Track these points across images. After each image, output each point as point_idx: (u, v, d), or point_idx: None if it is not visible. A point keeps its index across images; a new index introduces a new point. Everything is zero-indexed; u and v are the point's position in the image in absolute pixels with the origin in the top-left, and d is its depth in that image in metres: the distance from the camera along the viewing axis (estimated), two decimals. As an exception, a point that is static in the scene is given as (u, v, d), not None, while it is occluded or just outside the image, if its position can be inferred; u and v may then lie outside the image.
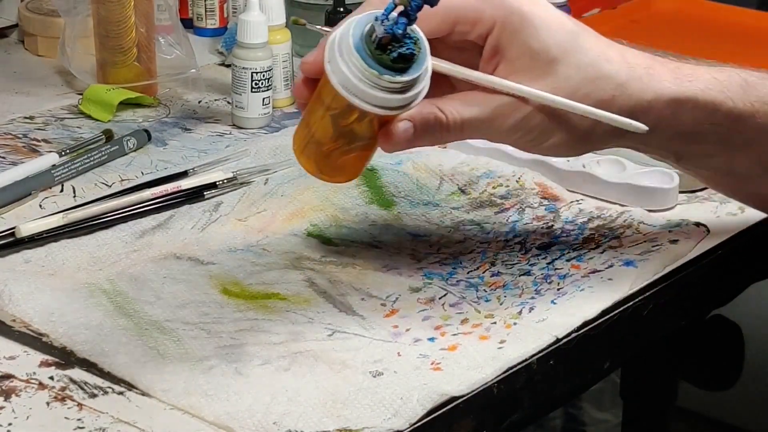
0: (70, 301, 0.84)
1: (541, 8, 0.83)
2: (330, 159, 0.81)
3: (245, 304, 0.84)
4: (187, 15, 1.38)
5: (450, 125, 0.81)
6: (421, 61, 0.76)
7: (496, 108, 0.81)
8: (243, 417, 0.72)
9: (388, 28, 0.75)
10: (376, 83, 0.76)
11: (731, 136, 0.86)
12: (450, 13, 0.82)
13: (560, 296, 0.86)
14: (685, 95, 0.84)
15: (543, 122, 0.82)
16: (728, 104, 0.85)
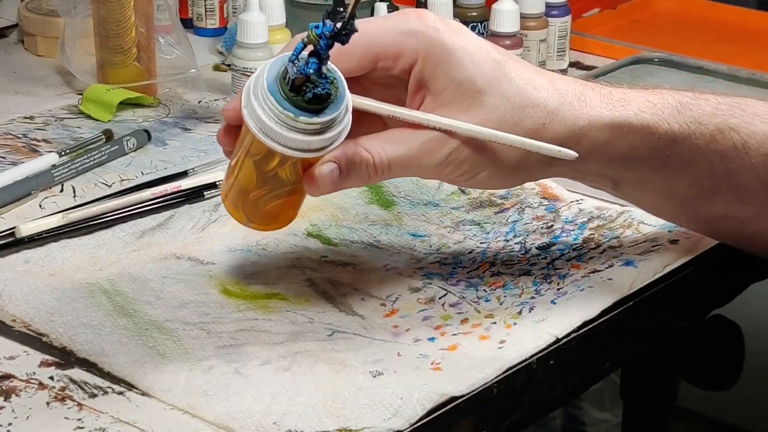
0: (69, 301, 0.84)
1: (464, 39, 0.81)
2: (258, 207, 0.81)
3: (245, 304, 0.84)
4: (187, 15, 1.38)
5: (376, 165, 0.79)
6: (339, 101, 0.75)
7: (422, 144, 0.80)
8: (243, 417, 0.72)
9: (300, 69, 0.73)
10: (293, 126, 0.75)
11: (668, 159, 0.84)
12: (370, 48, 0.80)
13: (560, 296, 0.86)
14: (619, 120, 0.83)
15: (472, 156, 0.81)
16: (663, 126, 0.83)
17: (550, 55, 1.25)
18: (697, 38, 1.37)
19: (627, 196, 0.89)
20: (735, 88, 1.22)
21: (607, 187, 0.88)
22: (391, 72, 0.81)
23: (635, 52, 1.30)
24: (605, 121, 0.83)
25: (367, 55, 0.80)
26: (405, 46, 0.80)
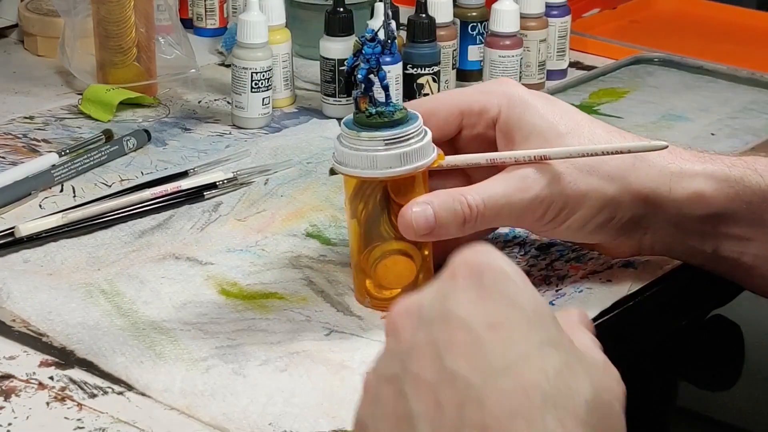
0: (67, 301, 0.84)
1: (542, 95, 0.86)
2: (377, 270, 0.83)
3: (243, 304, 0.84)
4: (187, 15, 1.38)
5: (470, 204, 0.81)
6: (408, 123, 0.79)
7: (515, 182, 0.82)
8: (239, 418, 0.72)
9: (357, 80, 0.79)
10: (359, 145, 0.79)
11: (765, 215, 0.83)
12: (455, 107, 0.84)
13: (559, 297, 0.86)
14: (711, 170, 0.83)
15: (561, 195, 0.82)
16: (756, 179, 0.83)
17: (550, 55, 1.25)
18: (697, 38, 1.37)
19: (725, 263, 0.86)
20: (735, 88, 1.22)
21: (705, 252, 0.86)
22: (476, 129, 0.85)
23: (635, 52, 1.30)
24: (697, 170, 0.83)
25: (453, 112, 0.85)
26: (487, 102, 0.84)
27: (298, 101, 1.21)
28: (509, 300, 0.57)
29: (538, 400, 0.54)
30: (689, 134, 1.12)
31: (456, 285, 0.58)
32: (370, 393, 0.59)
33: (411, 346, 0.58)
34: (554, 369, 0.55)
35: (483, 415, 0.54)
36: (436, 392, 0.56)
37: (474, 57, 1.25)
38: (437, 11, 1.18)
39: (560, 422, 0.54)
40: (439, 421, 0.55)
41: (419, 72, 1.14)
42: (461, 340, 0.56)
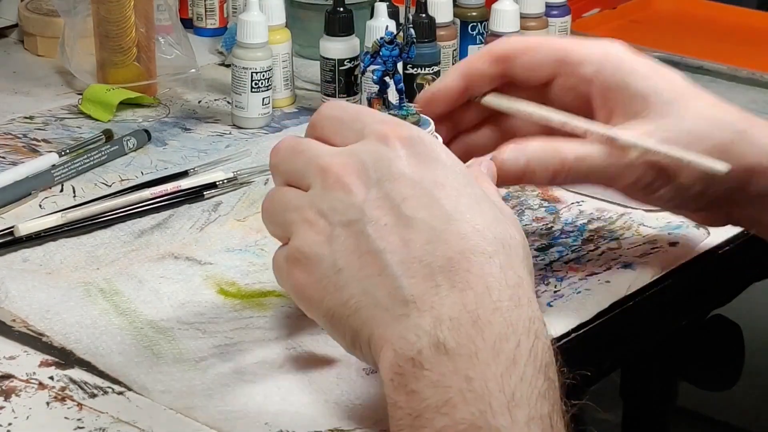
0: (66, 300, 0.84)
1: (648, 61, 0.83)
2: None
3: (241, 304, 0.84)
4: (187, 15, 1.38)
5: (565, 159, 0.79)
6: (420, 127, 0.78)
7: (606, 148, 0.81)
8: (236, 417, 0.72)
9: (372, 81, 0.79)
10: None
11: None
12: (553, 51, 0.83)
13: (557, 299, 0.86)
14: None
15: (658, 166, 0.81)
16: None
17: (550, 55, 1.25)
18: (697, 38, 1.37)
19: None
20: (735, 88, 1.22)
21: None
22: (570, 81, 0.82)
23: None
24: None
25: (549, 56, 0.83)
26: (588, 56, 0.82)
27: (298, 101, 1.21)
28: (444, 164, 0.68)
29: (491, 239, 0.66)
30: (689, 134, 1.12)
31: (395, 151, 0.68)
32: (320, 234, 0.68)
33: (366, 199, 0.67)
34: (494, 218, 0.67)
35: (449, 250, 0.65)
36: (399, 233, 0.66)
37: (474, 57, 1.25)
38: (437, 11, 1.18)
39: (508, 258, 0.65)
40: (408, 255, 0.65)
41: (419, 72, 1.14)
42: (415, 194, 0.66)
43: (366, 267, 0.66)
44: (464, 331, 0.62)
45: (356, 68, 1.15)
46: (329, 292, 0.68)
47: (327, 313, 0.68)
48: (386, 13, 1.13)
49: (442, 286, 0.64)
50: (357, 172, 0.68)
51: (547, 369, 0.63)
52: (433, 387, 0.62)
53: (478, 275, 0.64)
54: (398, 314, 0.65)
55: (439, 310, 0.63)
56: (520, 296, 0.64)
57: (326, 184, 0.68)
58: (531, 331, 0.63)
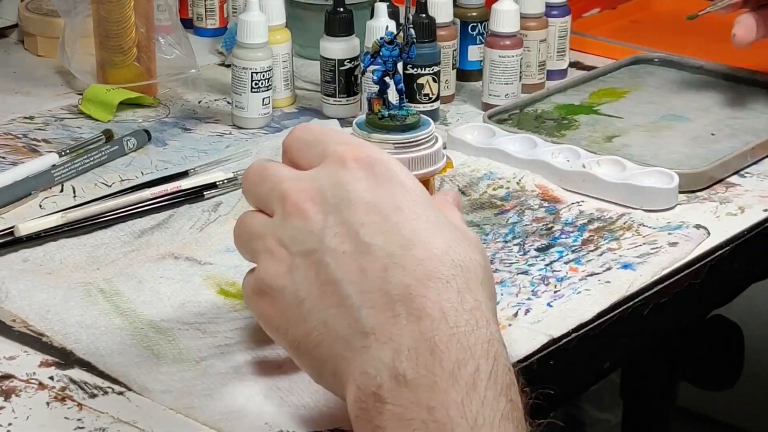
0: (66, 300, 0.84)
1: None
2: None
3: (241, 304, 0.84)
4: (187, 15, 1.38)
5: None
6: (420, 129, 0.79)
7: None
8: (236, 417, 0.72)
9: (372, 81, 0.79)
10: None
11: None
12: None
13: (557, 299, 0.86)
14: None
15: None
16: None
17: (550, 55, 1.25)
18: (697, 38, 1.37)
19: None
20: (735, 88, 1.22)
21: None
22: None
23: (635, 52, 1.30)
24: None
25: None
26: None
27: (298, 101, 1.21)
28: (403, 187, 0.68)
29: (448, 264, 0.65)
30: (689, 134, 1.12)
31: (353, 174, 0.68)
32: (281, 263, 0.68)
33: (324, 227, 0.67)
34: (454, 241, 0.67)
35: (406, 277, 0.65)
36: (357, 261, 0.66)
37: (474, 57, 1.25)
38: (437, 11, 1.18)
39: (466, 281, 0.65)
40: (366, 284, 0.65)
41: (419, 72, 1.14)
42: (372, 221, 0.66)
43: (326, 298, 0.66)
44: (422, 360, 0.62)
45: (356, 68, 1.15)
46: (293, 324, 0.68)
47: (293, 344, 0.69)
48: (386, 13, 1.13)
49: (400, 315, 0.64)
50: (314, 199, 0.68)
51: (509, 390, 0.63)
52: (396, 420, 0.62)
53: (435, 301, 0.64)
54: (359, 346, 0.64)
55: (398, 341, 0.63)
56: (477, 319, 0.64)
57: (286, 211, 0.69)
58: (490, 354, 0.63)
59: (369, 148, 0.70)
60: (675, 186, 0.99)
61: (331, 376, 0.67)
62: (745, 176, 1.06)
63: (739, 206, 1.00)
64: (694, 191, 1.02)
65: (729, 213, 0.99)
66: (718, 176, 1.05)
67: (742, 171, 1.06)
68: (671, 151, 1.08)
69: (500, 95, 1.18)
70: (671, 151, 1.08)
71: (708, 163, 1.05)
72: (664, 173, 1.00)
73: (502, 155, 1.05)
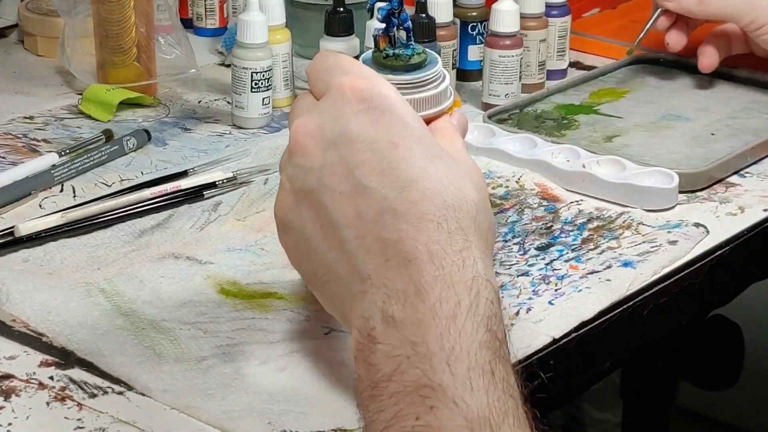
0: (67, 300, 0.84)
1: None
2: None
3: (242, 304, 0.84)
4: (187, 15, 1.38)
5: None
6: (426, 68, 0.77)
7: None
8: (238, 417, 0.72)
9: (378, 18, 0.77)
10: None
11: None
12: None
13: (558, 297, 0.86)
14: None
15: None
16: None
17: (550, 55, 1.25)
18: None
19: None
20: (735, 88, 1.22)
21: None
22: None
23: (635, 52, 1.30)
24: None
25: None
26: None
27: (298, 101, 1.21)
28: (401, 121, 0.69)
29: (440, 204, 0.67)
30: (689, 134, 1.12)
31: (350, 108, 0.69)
32: (289, 198, 0.71)
33: (322, 165, 0.69)
34: (447, 178, 0.68)
35: (399, 221, 0.66)
36: (354, 203, 0.68)
37: (474, 57, 1.25)
38: (437, 11, 1.18)
39: (458, 221, 0.67)
40: (362, 228, 0.67)
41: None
42: (368, 159, 0.68)
43: (327, 239, 0.69)
44: (409, 301, 0.65)
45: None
46: (303, 259, 0.72)
47: (305, 277, 0.73)
48: (386, 13, 1.13)
49: (392, 260, 0.66)
50: (314, 134, 0.70)
51: (489, 321, 0.65)
52: (385, 358, 0.64)
53: (424, 243, 0.66)
54: (358, 291, 0.67)
55: (390, 286, 0.66)
56: (464, 258, 0.66)
57: (291, 147, 0.72)
58: (473, 290, 0.65)
59: (369, 79, 0.71)
60: (675, 186, 0.99)
61: (338, 315, 0.71)
62: (745, 176, 1.06)
63: (739, 206, 1.00)
64: (694, 191, 1.02)
65: (729, 213, 0.99)
66: (718, 176, 1.05)
67: (742, 171, 1.06)
68: (671, 151, 1.09)
69: (500, 95, 1.18)
70: (671, 151, 1.09)
71: (708, 163, 1.05)
72: (664, 173, 1.00)
73: (502, 155, 1.05)
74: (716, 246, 0.94)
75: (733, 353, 1.56)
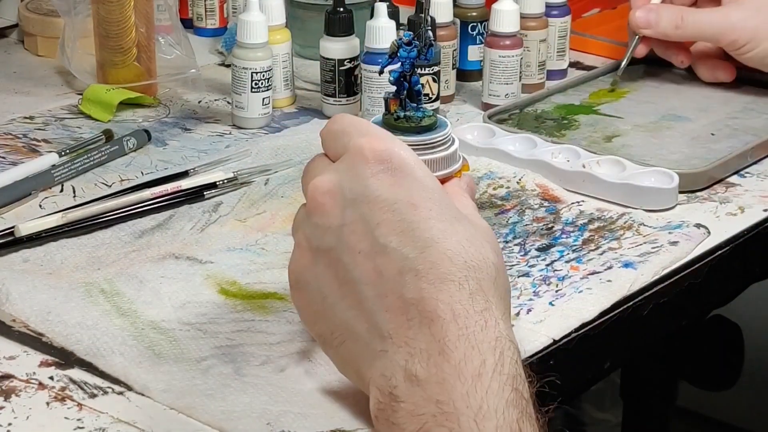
0: (67, 301, 0.84)
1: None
2: None
3: (242, 305, 0.84)
4: (187, 15, 1.38)
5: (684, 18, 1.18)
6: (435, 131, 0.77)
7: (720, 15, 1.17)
8: (238, 417, 0.72)
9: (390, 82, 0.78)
10: None
11: None
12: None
13: (558, 298, 0.86)
14: None
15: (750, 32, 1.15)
16: None
17: (550, 55, 1.25)
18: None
19: None
20: (735, 88, 1.22)
21: None
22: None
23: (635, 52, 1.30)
24: None
25: None
26: None
27: (298, 101, 1.21)
28: (419, 183, 0.69)
29: (461, 265, 0.67)
30: (689, 134, 1.12)
31: (370, 168, 0.69)
32: (306, 256, 0.71)
33: (342, 223, 0.69)
34: (466, 240, 0.68)
35: (420, 281, 0.66)
36: (374, 261, 0.68)
37: (474, 57, 1.25)
38: (437, 11, 1.18)
39: (478, 282, 0.67)
40: (383, 286, 0.67)
41: (419, 72, 1.14)
42: (388, 219, 0.68)
43: (346, 297, 0.69)
44: (433, 360, 0.65)
45: (356, 68, 1.15)
46: (320, 318, 0.71)
47: (320, 337, 0.72)
48: (386, 13, 1.13)
49: (414, 320, 0.66)
50: (333, 193, 0.70)
51: (514, 381, 0.65)
52: (409, 417, 0.64)
53: (447, 303, 0.66)
54: (378, 350, 0.67)
55: (412, 345, 0.66)
56: (486, 319, 0.66)
57: (309, 207, 0.72)
58: (497, 349, 0.65)
59: (388, 141, 0.71)
60: (675, 186, 0.99)
61: (354, 374, 0.70)
62: (745, 176, 1.06)
63: (739, 206, 1.00)
64: (694, 191, 1.02)
65: (729, 213, 0.99)
66: (718, 176, 1.05)
67: (742, 171, 1.06)
68: (671, 151, 1.09)
69: (500, 95, 1.18)
70: (671, 151, 1.09)
71: (708, 163, 1.05)
72: (664, 173, 1.00)
73: (502, 155, 1.05)
74: (716, 246, 0.94)
75: (733, 353, 1.56)
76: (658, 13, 1.20)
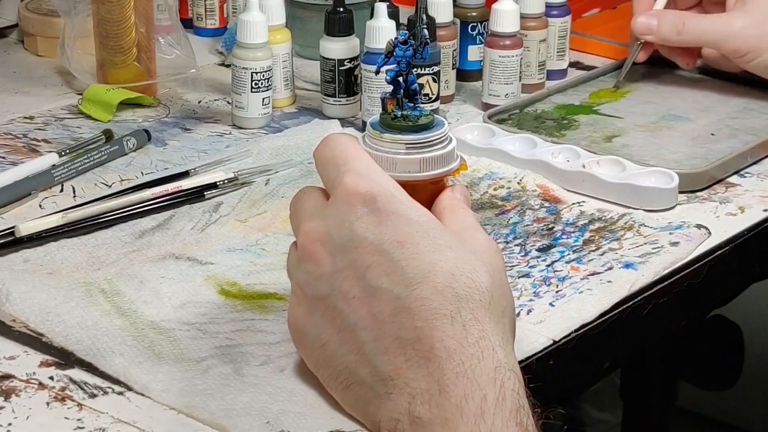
0: (67, 301, 0.84)
1: None
2: None
3: (242, 305, 0.84)
4: (187, 15, 1.38)
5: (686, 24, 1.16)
6: (431, 130, 0.77)
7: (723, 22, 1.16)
8: (237, 417, 0.72)
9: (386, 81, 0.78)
10: (381, 147, 0.76)
11: None
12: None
13: (559, 298, 0.86)
14: None
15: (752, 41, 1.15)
16: None
17: (550, 55, 1.25)
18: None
19: None
20: (735, 88, 1.22)
21: None
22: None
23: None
24: None
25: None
26: None
27: (298, 101, 1.21)
28: (404, 218, 0.70)
29: (452, 298, 0.67)
30: (689, 134, 1.12)
31: (356, 212, 0.70)
32: (302, 305, 0.72)
33: (333, 271, 0.70)
34: (457, 268, 0.68)
35: (414, 320, 0.67)
36: (368, 305, 0.68)
37: (474, 57, 1.25)
38: (437, 11, 1.18)
39: (471, 311, 0.67)
40: (379, 329, 0.68)
41: (419, 72, 1.14)
42: (377, 261, 0.69)
43: (345, 343, 0.70)
44: (434, 400, 0.65)
45: (356, 68, 1.15)
46: (321, 365, 0.72)
47: (326, 382, 0.72)
48: (386, 13, 1.13)
49: (412, 360, 0.67)
50: (322, 241, 0.71)
51: (518, 414, 0.65)
52: None
53: (441, 339, 0.66)
54: (383, 393, 0.68)
55: (413, 385, 0.67)
56: (483, 349, 0.66)
57: (301, 254, 0.72)
58: (497, 381, 0.65)
59: (369, 178, 0.71)
60: (675, 186, 0.99)
61: (363, 416, 0.70)
62: (745, 176, 1.06)
63: (739, 206, 1.00)
64: (694, 191, 1.02)
65: (729, 213, 0.99)
66: (718, 176, 1.05)
67: (742, 171, 1.07)
68: (671, 151, 1.09)
69: (500, 95, 1.18)
70: (671, 151, 1.09)
71: (708, 163, 1.05)
72: (664, 173, 1.00)
73: (503, 155, 1.05)
74: (716, 246, 0.94)
75: (733, 353, 1.56)
76: (659, 19, 1.18)
